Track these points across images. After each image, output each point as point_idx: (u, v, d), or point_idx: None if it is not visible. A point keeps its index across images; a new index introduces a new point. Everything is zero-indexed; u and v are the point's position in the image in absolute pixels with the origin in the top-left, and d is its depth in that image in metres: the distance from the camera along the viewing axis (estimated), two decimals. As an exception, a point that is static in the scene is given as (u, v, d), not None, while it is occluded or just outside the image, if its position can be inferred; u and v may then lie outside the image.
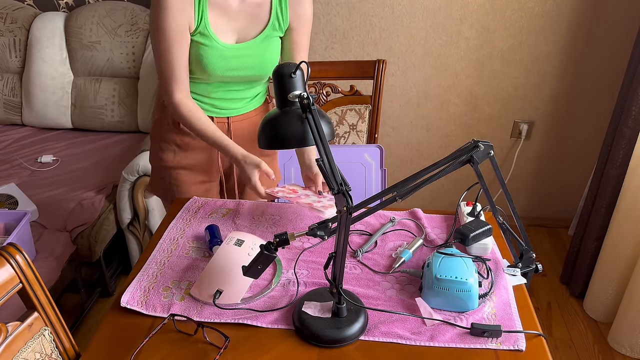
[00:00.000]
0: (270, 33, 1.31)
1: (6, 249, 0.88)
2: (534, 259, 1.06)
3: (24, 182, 2.11)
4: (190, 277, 1.13)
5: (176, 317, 1.00)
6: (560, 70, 2.34)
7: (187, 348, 0.96)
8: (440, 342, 0.95)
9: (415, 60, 2.38)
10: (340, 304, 0.96)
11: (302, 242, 1.24)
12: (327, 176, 0.84)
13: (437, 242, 1.23)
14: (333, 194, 0.86)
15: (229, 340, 0.94)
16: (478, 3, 2.22)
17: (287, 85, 0.97)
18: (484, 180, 0.98)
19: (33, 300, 0.92)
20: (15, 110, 2.53)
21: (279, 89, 0.99)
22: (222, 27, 1.27)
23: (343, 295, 0.95)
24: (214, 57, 1.28)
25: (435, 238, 1.24)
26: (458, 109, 2.48)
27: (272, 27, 1.31)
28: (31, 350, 0.91)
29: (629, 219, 1.86)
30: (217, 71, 1.30)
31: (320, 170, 0.88)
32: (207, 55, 1.27)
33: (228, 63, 1.30)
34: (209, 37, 1.26)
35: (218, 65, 1.29)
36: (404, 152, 2.62)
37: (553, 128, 2.48)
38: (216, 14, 1.25)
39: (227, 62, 1.30)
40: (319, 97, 1.84)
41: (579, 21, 2.22)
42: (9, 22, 2.46)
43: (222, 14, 1.26)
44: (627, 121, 1.87)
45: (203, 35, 1.25)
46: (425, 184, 0.90)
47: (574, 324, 2.10)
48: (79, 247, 1.94)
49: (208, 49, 1.27)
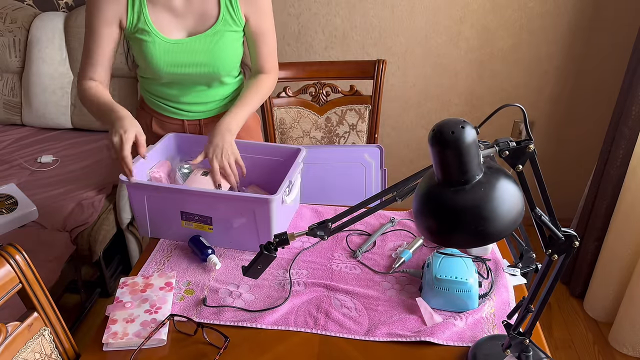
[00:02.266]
0: (221, 28, 1.28)
1: (6, 249, 0.88)
2: (534, 259, 1.06)
3: (24, 182, 2.11)
4: (190, 277, 1.13)
5: (176, 318, 1.00)
6: (560, 70, 2.34)
7: (187, 348, 0.96)
8: (441, 341, 0.95)
9: (415, 60, 2.37)
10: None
11: (302, 242, 1.24)
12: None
13: (437, 242, 1.23)
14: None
15: (228, 341, 0.94)
16: (478, 3, 2.22)
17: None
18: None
19: (33, 300, 0.92)
20: (15, 110, 2.53)
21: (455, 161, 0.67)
22: (167, 24, 1.26)
23: (534, 345, 0.88)
24: (158, 52, 1.26)
25: (435, 238, 1.24)
26: (458, 108, 2.48)
27: (223, 21, 1.27)
28: (31, 351, 0.91)
29: (629, 219, 1.86)
30: (162, 66, 1.28)
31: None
32: (150, 51, 1.26)
33: (174, 58, 1.28)
34: (150, 32, 1.25)
35: (163, 61, 1.27)
36: (404, 152, 2.62)
37: (553, 128, 2.48)
38: (158, 11, 1.24)
39: (172, 58, 1.28)
40: (319, 97, 1.84)
41: (579, 21, 2.22)
42: (9, 22, 2.46)
43: (166, 11, 1.25)
44: (627, 121, 1.87)
45: (144, 31, 1.25)
46: (425, 184, 0.90)
47: (574, 323, 2.10)
48: (79, 247, 1.93)
49: (151, 44, 1.26)
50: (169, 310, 1.02)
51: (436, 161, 0.67)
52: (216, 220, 1.19)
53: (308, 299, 1.06)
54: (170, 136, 1.38)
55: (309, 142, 1.88)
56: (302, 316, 1.02)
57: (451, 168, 0.66)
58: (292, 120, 1.85)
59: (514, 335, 0.85)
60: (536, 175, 0.73)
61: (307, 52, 2.39)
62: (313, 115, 1.85)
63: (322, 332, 0.99)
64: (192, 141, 1.39)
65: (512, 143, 0.70)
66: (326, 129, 1.87)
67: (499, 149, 0.70)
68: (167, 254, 1.20)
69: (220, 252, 1.20)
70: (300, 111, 1.84)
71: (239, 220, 1.17)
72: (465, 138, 0.64)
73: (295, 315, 1.02)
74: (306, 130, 1.86)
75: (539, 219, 0.74)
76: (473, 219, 0.66)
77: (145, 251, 1.22)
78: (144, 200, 1.21)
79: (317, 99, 1.84)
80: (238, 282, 1.11)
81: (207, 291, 1.08)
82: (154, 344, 0.96)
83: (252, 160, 1.36)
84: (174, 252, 1.21)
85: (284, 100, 1.82)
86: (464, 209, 0.67)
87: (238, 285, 1.10)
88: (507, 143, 0.70)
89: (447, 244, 0.95)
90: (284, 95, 1.82)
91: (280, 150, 1.35)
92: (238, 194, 1.18)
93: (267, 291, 1.09)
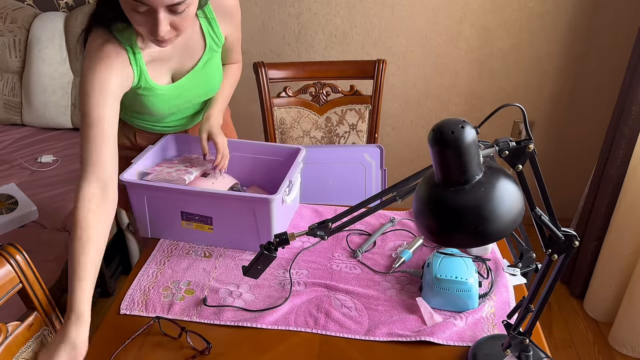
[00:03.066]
0: (210, 56, 1.26)
1: (6, 249, 0.88)
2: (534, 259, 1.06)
3: (24, 182, 2.11)
4: (191, 277, 1.13)
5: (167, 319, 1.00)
6: (560, 70, 2.33)
7: (175, 351, 0.96)
8: (441, 340, 0.95)
9: (415, 60, 2.37)
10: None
11: (302, 242, 1.24)
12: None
13: (437, 242, 1.23)
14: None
15: (211, 347, 0.94)
16: (478, 3, 2.22)
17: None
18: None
19: (33, 300, 0.92)
20: (15, 110, 2.53)
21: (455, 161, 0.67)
22: (161, 73, 1.22)
23: (534, 345, 0.87)
24: (158, 103, 1.23)
25: (435, 238, 1.24)
26: (458, 108, 2.48)
27: (210, 50, 1.25)
28: (31, 351, 0.91)
29: (629, 218, 1.86)
30: (165, 111, 1.26)
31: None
32: (152, 103, 1.22)
33: (174, 102, 1.26)
34: (150, 88, 1.19)
35: (164, 107, 1.25)
36: (404, 152, 2.62)
37: (553, 128, 2.48)
38: (154, 65, 1.19)
39: (172, 102, 1.25)
40: (319, 97, 1.84)
41: (579, 21, 2.22)
42: (9, 22, 2.46)
43: (158, 62, 1.20)
44: (627, 121, 1.87)
45: (145, 88, 1.19)
46: (425, 184, 0.90)
47: (574, 323, 2.10)
48: (79, 247, 1.93)
49: (151, 98, 1.21)
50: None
51: (436, 161, 0.67)
52: (216, 220, 1.19)
53: (308, 299, 1.06)
54: (168, 137, 1.38)
55: (309, 142, 1.88)
56: (302, 316, 1.02)
57: (451, 168, 0.66)
58: (292, 120, 1.85)
59: (514, 335, 0.85)
60: (536, 175, 0.73)
61: (307, 52, 2.39)
62: (313, 115, 1.85)
63: (322, 332, 0.99)
64: (191, 141, 1.39)
65: (512, 143, 0.70)
66: (326, 128, 1.87)
67: (499, 149, 0.70)
68: (167, 254, 1.20)
69: (220, 252, 1.20)
70: (300, 111, 1.84)
71: (239, 219, 1.17)
72: (465, 138, 0.64)
73: (295, 315, 1.02)
74: (306, 130, 1.86)
75: (538, 219, 0.74)
76: (473, 219, 0.66)
77: (146, 251, 1.22)
78: (144, 200, 1.21)
79: (317, 98, 1.84)
80: (238, 282, 1.11)
81: (207, 291, 1.08)
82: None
83: (253, 160, 1.36)
84: (174, 252, 1.21)
85: (284, 100, 1.82)
86: (464, 209, 0.67)
87: (238, 285, 1.10)
88: (507, 143, 0.70)
89: (447, 244, 0.96)
90: (284, 95, 1.82)
91: (280, 150, 1.35)
92: (238, 194, 1.18)
93: (268, 291, 1.09)
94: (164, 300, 1.06)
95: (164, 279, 1.12)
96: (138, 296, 1.07)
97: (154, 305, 1.05)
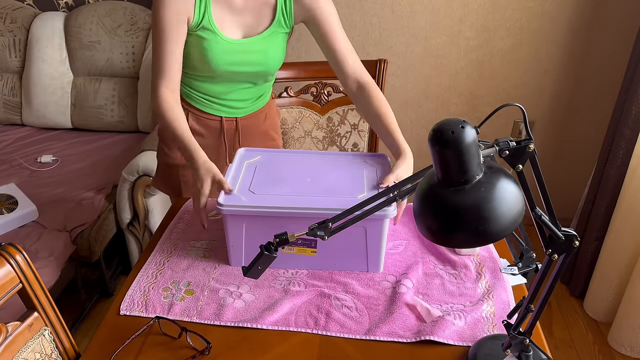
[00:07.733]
0: (275, 30, 1.32)
1: (6, 249, 0.88)
2: (534, 259, 1.06)
3: (24, 182, 2.11)
4: (190, 277, 1.13)
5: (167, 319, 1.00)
6: (560, 70, 2.34)
7: (175, 351, 0.96)
8: (441, 338, 0.95)
9: (415, 60, 2.37)
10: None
11: (302, 242, 1.24)
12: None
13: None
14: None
15: (210, 347, 0.94)
16: (478, 3, 2.22)
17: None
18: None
19: (33, 300, 0.92)
20: (15, 110, 2.53)
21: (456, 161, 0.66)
22: (227, 23, 1.27)
23: (534, 345, 0.87)
24: (218, 52, 1.28)
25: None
26: (458, 108, 2.48)
27: (277, 24, 1.31)
28: (31, 351, 0.91)
29: (629, 219, 1.86)
30: (221, 66, 1.30)
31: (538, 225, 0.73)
32: (211, 50, 1.27)
33: (232, 58, 1.30)
34: (213, 32, 1.26)
35: (222, 59, 1.29)
36: (404, 152, 2.62)
37: (553, 128, 2.48)
38: (220, 9, 1.25)
39: (231, 57, 1.30)
40: (320, 97, 1.84)
41: (579, 21, 2.22)
42: (9, 22, 2.46)
43: (226, 9, 1.26)
44: (627, 121, 1.87)
45: (206, 30, 1.25)
46: (425, 184, 0.90)
47: (574, 323, 2.10)
48: (79, 247, 1.94)
49: (212, 43, 1.27)
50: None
51: (436, 161, 0.67)
52: (322, 242, 1.02)
53: (308, 299, 1.06)
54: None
55: (311, 142, 1.88)
56: (303, 316, 1.02)
57: (451, 168, 0.66)
58: (294, 120, 1.85)
59: (514, 335, 0.85)
60: (536, 175, 0.73)
61: (307, 52, 2.39)
62: (314, 115, 1.85)
63: (322, 332, 0.99)
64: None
65: (512, 143, 0.70)
66: (328, 128, 1.87)
67: (499, 149, 0.70)
68: (167, 254, 1.20)
69: (220, 252, 1.20)
70: (301, 111, 1.84)
71: (347, 240, 1.07)
72: (465, 138, 0.64)
73: (295, 316, 1.02)
74: (308, 130, 1.86)
75: (539, 219, 0.74)
76: (473, 219, 0.66)
77: (145, 251, 1.22)
78: (242, 229, 1.10)
79: (319, 98, 1.84)
80: (238, 282, 1.11)
81: (207, 291, 1.08)
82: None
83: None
84: (174, 252, 1.21)
85: (286, 101, 1.82)
86: (464, 209, 0.67)
87: (238, 285, 1.10)
88: (507, 143, 0.70)
89: (447, 244, 0.96)
90: (286, 96, 1.82)
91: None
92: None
93: (268, 291, 1.09)
94: (164, 300, 1.06)
95: (163, 280, 1.12)
96: (138, 296, 1.07)
97: (154, 305, 1.05)
